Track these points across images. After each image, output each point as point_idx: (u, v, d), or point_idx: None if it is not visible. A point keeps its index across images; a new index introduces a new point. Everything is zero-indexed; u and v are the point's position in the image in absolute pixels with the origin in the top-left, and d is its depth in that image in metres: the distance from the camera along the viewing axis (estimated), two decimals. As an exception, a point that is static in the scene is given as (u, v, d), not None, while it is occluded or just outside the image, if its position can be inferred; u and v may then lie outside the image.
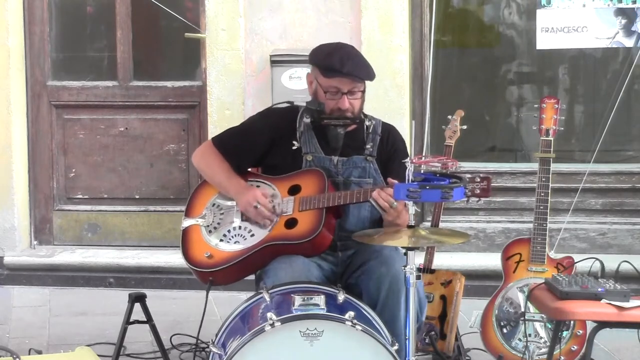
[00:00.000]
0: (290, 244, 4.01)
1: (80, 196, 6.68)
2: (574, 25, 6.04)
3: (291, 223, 4.07)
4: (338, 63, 4.12)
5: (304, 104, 4.22)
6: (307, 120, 4.19)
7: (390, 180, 3.97)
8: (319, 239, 4.00)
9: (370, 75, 4.18)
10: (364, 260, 4.05)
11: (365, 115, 4.29)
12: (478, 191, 3.89)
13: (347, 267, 4.15)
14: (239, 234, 4.13)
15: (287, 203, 4.11)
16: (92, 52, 6.92)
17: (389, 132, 4.30)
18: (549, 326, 4.51)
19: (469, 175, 3.85)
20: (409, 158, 3.58)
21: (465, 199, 3.93)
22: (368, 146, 4.22)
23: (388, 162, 4.22)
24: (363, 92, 4.18)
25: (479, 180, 3.90)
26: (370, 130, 4.25)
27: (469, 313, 4.77)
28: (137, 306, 4.37)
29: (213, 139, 4.41)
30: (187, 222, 4.25)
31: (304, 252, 4.01)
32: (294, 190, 4.14)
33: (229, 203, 4.23)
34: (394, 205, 3.91)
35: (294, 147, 4.20)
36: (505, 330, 4.66)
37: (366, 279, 3.98)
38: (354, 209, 4.14)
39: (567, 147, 6.45)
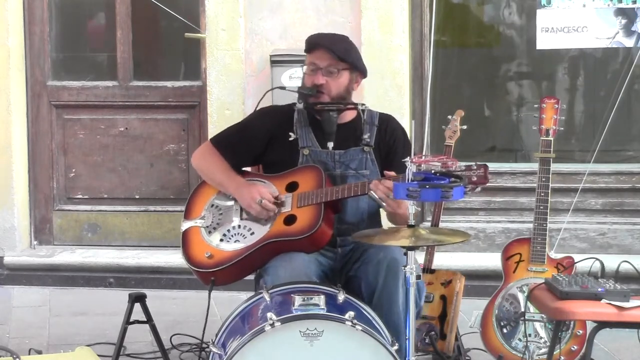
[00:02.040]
0: (291, 240, 4.02)
1: (80, 196, 6.68)
2: (574, 25, 6.04)
3: (290, 219, 4.08)
4: (316, 38, 4.26)
5: (296, 89, 4.26)
6: (300, 105, 4.21)
7: (387, 172, 3.98)
8: (319, 233, 4.00)
9: (350, 56, 4.21)
10: (363, 251, 4.07)
11: (363, 108, 4.30)
12: (475, 178, 3.89)
13: (347, 261, 4.16)
14: (238, 233, 4.14)
15: (286, 200, 4.12)
16: (92, 52, 6.93)
17: (387, 122, 4.31)
18: (549, 326, 4.51)
19: (465, 164, 3.85)
20: (409, 157, 3.58)
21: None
22: (365, 136, 4.22)
23: (389, 154, 4.23)
24: (341, 71, 4.17)
25: (475, 168, 3.90)
26: (365, 118, 4.25)
27: (469, 313, 4.77)
28: (137, 306, 4.37)
29: (211, 139, 4.42)
30: (186, 224, 4.25)
31: (304, 247, 4.02)
32: (291, 187, 4.15)
33: (228, 203, 4.24)
34: (391, 195, 3.91)
35: (290, 139, 4.20)
36: (505, 330, 4.66)
37: (365, 266, 3.99)
38: (352, 201, 4.15)
39: (567, 147, 6.45)
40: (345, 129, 4.21)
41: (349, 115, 4.26)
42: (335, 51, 4.16)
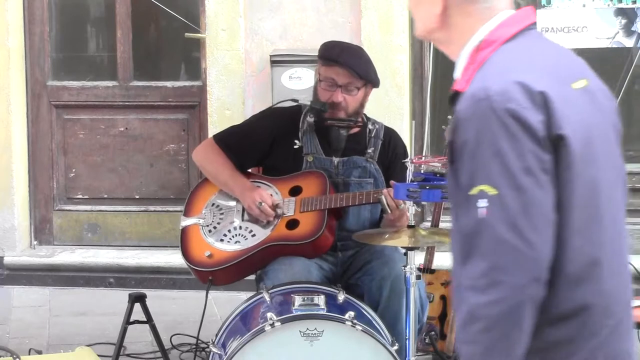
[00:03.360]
0: (292, 245, 4.01)
1: (80, 196, 6.67)
2: (574, 25, 6.04)
3: (292, 224, 4.07)
4: (337, 53, 4.16)
5: (309, 103, 4.23)
6: (310, 119, 4.18)
7: (392, 182, 3.97)
8: (321, 240, 4.00)
9: (369, 74, 4.16)
10: (366, 261, 4.05)
11: (368, 119, 4.30)
12: None
13: (347, 267, 4.15)
14: (239, 234, 4.13)
15: (289, 204, 4.11)
16: (92, 52, 6.92)
17: (390, 137, 4.30)
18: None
19: None
20: (409, 158, 3.58)
21: None
22: (369, 150, 4.21)
23: (389, 167, 4.22)
24: (359, 89, 4.13)
25: None
26: (372, 135, 4.25)
27: (469, 313, 4.76)
28: (137, 306, 4.37)
29: (215, 136, 4.40)
30: (186, 222, 4.24)
31: (305, 253, 4.01)
32: (294, 192, 4.14)
33: (229, 203, 4.22)
34: (402, 206, 3.91)
35: (295, 147, 4.19)
36: (505, 330, 4.65)
37: (368, 280, 3.98)
38: (354, 209, 4.13)
39: (567, 147, 6.44)
40: (351, 140, 4.20)
41: (356, 128, 4.25)
42: (357, 71, 4.10)
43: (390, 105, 6.02)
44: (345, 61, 4.09)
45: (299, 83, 5.76)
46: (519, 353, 2.03)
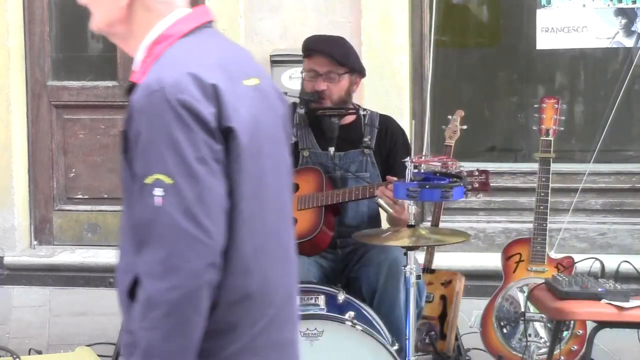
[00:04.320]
0: (290, 243, 4.01)
1: (80, 196, 6.67)
2: (574, 25, 6.04)
3: (290, 222, 4.08)
4: (314, 43, 4.21)
5: (297, 96, 4.25)
6: (300, 111, 4.21)
7: (389, 177, 3.98)
8: (319, 237, 4.01)
9: (348, 61, 4.19)
10: (364, 252, 4.07)
11: (359, 106, 4.32)
12: (477, 185, 3.90)
13: (348, 263, 4.16)
14: (238, 235, 4.13)
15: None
16: (92, 52, 6.92)
17: (387, 124, 4.31)
18: (549, 326, 4.51)
19: (466, 170, 3.86)
20: (409, 158, 3.58)
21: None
22: (366, 139, 4.23)
23: (389, 156, 4.23)
24: (342, 76, 4.16)
25: (477, 174, 3.91)
26: (366, 121, 4.26)
27: (469, 313, 4.77)
28: (137, 306, 4.36)
29: None
30: None
31: (304, 251, 4.01)
32: (290, 189, 4.15)
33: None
34: (399, 201, 3.92)
35: (291, 142, 4.20)
36: (505, 330, 4.66)
37: (366, 268, 4.00)
38: (352, 204, 4.15)
39: (567, 147, 6.44)
40: (346, 131, 4.21)
41: (349, 118, 4.27)
42: (334, 56, 4.14)
43: (390, 105, 6.01)
44: (322, 49, 4.17)
45: (299, 83, 5.77)
46: (197, 337, 2.10)
